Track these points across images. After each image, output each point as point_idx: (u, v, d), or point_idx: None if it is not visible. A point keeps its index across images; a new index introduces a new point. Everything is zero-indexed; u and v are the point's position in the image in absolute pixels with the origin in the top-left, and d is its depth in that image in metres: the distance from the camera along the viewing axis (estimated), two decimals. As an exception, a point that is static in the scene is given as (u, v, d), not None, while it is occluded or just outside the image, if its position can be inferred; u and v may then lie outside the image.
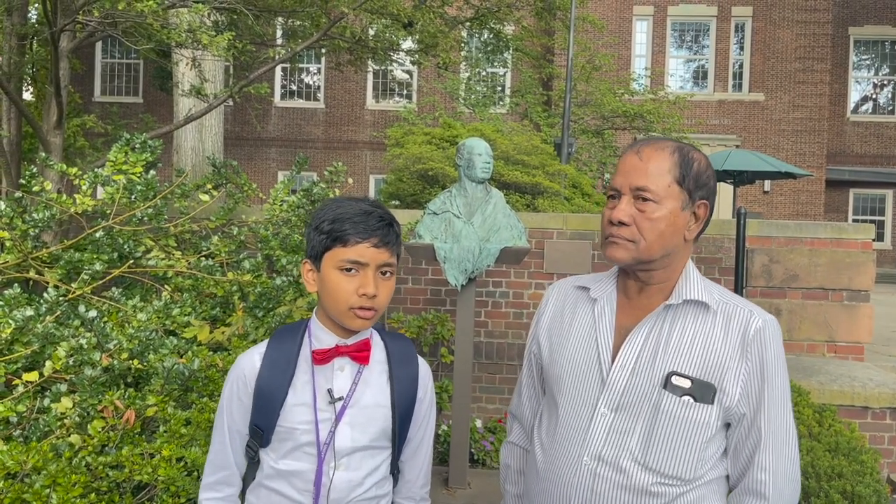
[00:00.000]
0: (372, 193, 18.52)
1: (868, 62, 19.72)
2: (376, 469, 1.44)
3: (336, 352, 1.41)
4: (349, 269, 1.37)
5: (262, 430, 1.39)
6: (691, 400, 1.32)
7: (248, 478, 1.46)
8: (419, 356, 1.54)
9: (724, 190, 16.80)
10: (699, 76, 18.27)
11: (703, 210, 1.41)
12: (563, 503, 1.38)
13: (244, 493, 1.46)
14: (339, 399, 1.40)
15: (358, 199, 1.42)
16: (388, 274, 1.41)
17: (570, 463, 1.38)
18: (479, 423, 4.62)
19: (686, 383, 1.33)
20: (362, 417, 1.41)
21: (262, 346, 1.45)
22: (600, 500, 1.34)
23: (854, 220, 19.19)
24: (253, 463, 1.44)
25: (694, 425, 1.32)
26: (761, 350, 1.35)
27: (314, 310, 1.47)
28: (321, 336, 1.43)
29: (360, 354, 1.43)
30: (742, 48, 17.98)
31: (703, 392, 1.32)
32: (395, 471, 1.51)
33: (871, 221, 18.97)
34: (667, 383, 1.33)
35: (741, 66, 17.98)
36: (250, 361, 1.43)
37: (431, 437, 1.56)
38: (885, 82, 19.52)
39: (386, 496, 1.49)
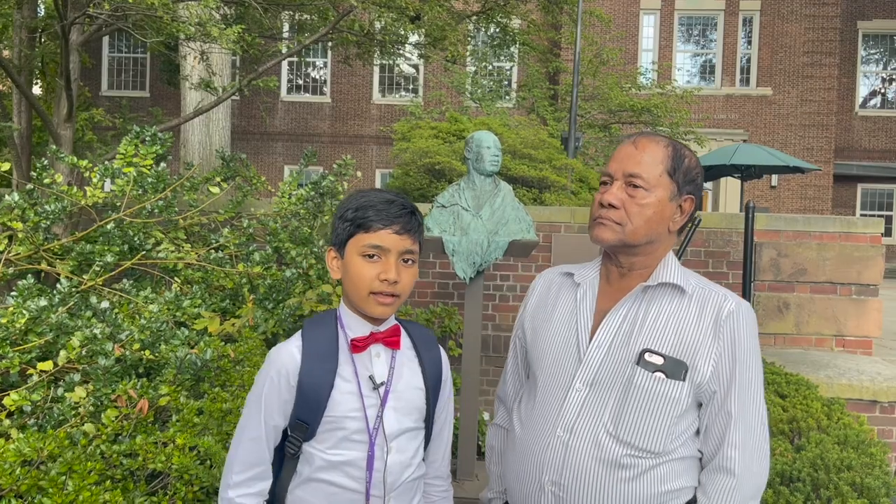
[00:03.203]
0: (378, 187, 18.50)
1: (877, 56, 19.58)
2: (418, 449, 1.50)
3: (372, 339, 1.45)
4: (371, 256, 1.41)
5: (307, 423, 1.40)
6: (663, 376, 1.38)
7: (286, 474, 1.44)
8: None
9: (732, 184, 16.74)
10: (706, 70, 18.18)
11: (689, 204, 1.47)
12: (537, 474, 1.44)
13: (287, 490, 1.44)
14: (382, 384, 1.44)
15: (382, 190, 1.47)
16: (409, 262, 1.44)
17: (544, 436, 1.44)
18: (486, 416, 4.63)
19: (659, 360, 1.38)
20: (403, 400, 1.46)
21: (297, 340, 1.46)
22: (571, 471, 1.40)
23: (862, 216, 19.07)
24: (293, 458, 1.43)
25: (664, 399, 1.37)
26: (733, 331, 1.39)
27: (341, 301, 1.51)
28: (353, 325, 1.47)
29: (392, 339, 1.47)
30: (750, 42, 17.88)
31: (675, 369, 1.38)
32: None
33: (879, 217, 18.86)
34: (640, 359, 1.39)
35: (749, 61, 17.87)
36: (290, 356, 1.43)
37: (452, 418, 1.62)
38: (894, 77, 19.39)
39: (424, 476, 1.54)
